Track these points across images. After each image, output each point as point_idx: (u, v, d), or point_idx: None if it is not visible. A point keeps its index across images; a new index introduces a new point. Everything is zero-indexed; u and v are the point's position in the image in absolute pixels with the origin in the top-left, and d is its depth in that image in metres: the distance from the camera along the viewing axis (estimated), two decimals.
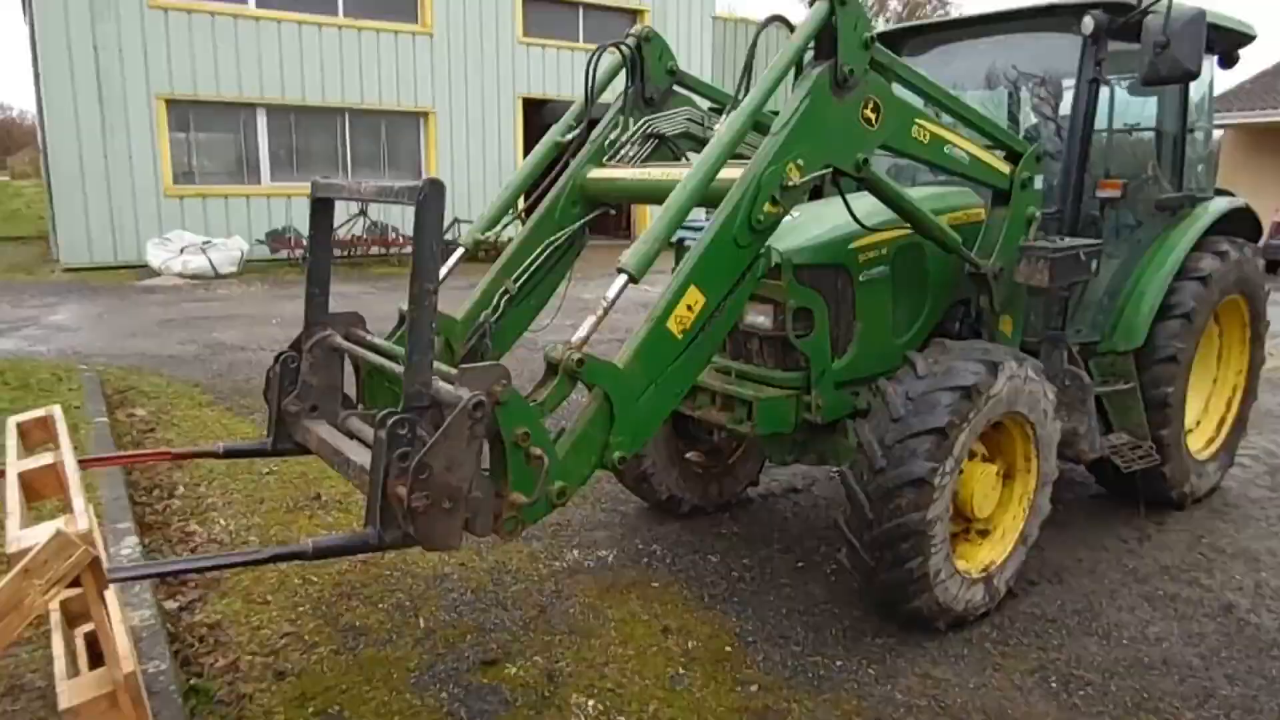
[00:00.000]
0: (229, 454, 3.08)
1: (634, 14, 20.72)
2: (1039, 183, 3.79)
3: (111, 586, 2.05)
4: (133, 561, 3.68)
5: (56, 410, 2.77)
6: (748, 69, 3.11)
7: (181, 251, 14.32)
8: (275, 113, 16.63)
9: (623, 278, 2.61)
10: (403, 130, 18.26)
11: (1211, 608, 3.71)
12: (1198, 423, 5.03)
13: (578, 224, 3.56)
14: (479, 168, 18.97)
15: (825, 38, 2.91)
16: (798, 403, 3.57)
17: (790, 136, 2.84)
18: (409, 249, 15.83)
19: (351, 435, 2.75)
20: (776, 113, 3.01)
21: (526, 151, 21.09)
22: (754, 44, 3.06)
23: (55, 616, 2.45)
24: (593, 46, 3.82)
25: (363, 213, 16.60)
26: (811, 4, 2.92)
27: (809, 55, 3.01)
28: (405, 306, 2.51)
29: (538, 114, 21.24)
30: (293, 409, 2.87)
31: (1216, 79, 4.91)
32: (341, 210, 16.93)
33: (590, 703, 2.95)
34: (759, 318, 3.59)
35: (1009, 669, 3.21)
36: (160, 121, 15.34)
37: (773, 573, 3.95)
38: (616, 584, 3.80)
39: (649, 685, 3.06)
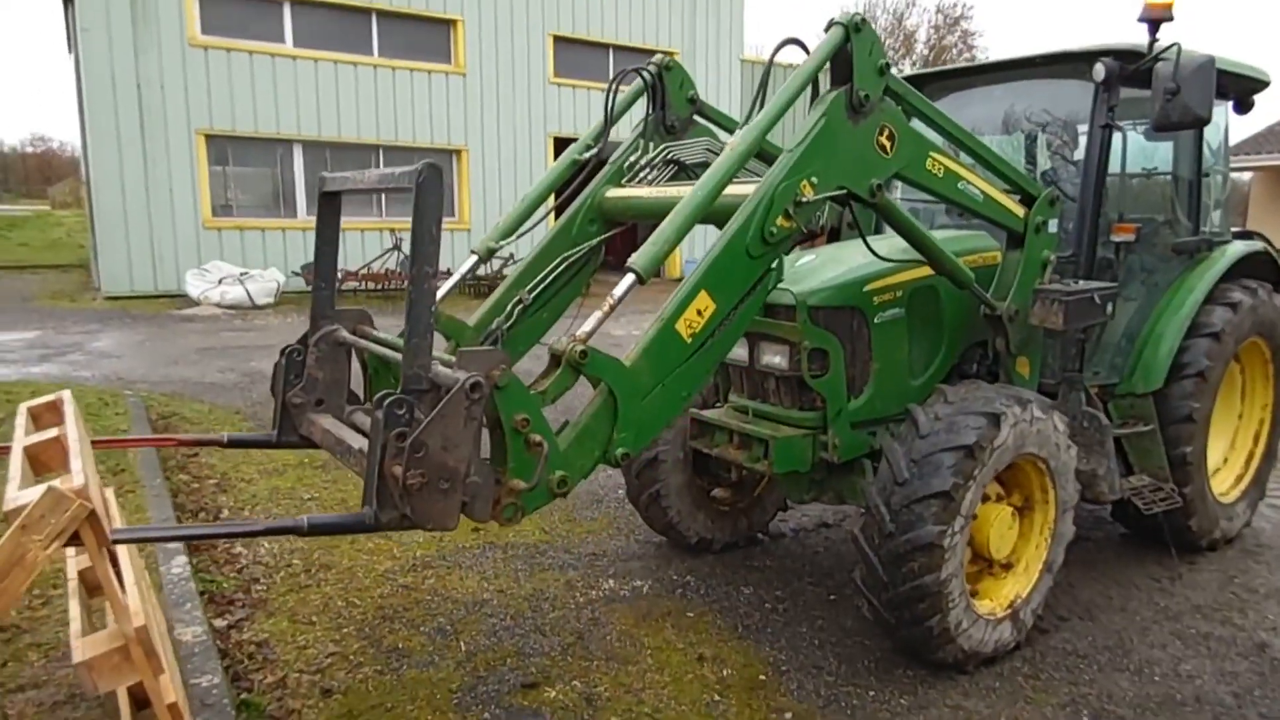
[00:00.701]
0: (233, 443, 3.07)
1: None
2: (1053, 226, 3.82)
3: (155, 592, 2.06)
4: (182, 580, 3.83)
5: (66, 394, 2.81)
6: (763, 87, 3.16)
7: (219, 282, 14.69)
8: (311, 148, 17.11)
9: (630, 277, 2.62)
10: None
11: (1244, 646, 3.72)
12: (1225, 460, 5.02)
13: (594, 241, 3.60)
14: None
15: (841, 63, 2.98)
16: (814, 442, 3.60)
17: (805, 154, 2.89)
18: (440, 284, 16.02)
19: (355, 428, 2.74)
20: (780, 150, 3.02)
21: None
22: (769, 65, 3.15)
23: (73, 585, 2.51)
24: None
25: (396, 247, 16.94)
26: (827, 30, 2.99)
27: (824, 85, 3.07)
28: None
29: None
30: (297, 401, 2.86)
31: (1240, 122, 5.00)
32: (374, 244, 17.34)
33: None
34: (775, 358, 3.63)
35: (1040, 702, 3.25)
36: (200, 155, 15.84)
37: (805, 604, 4.01)
38: (652, 613, 3.87)
39: (685, 711, 3.12)
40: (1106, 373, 4.38)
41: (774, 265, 2.94)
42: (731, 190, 2.85)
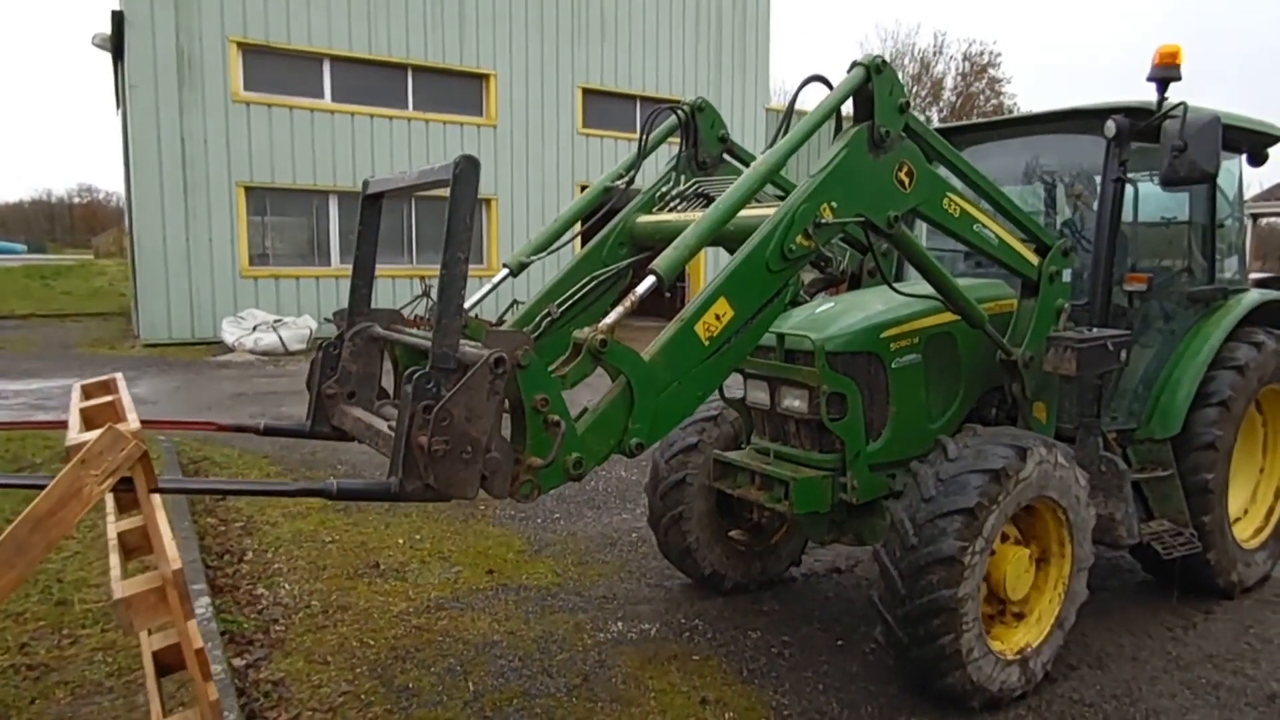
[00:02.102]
0: (269, 431, 3.16)
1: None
2: (1067, 275, 3.94)
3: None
4: (205, 620, 3.96)
5: (119, 376, 2.95)
6: (786, 118, 3.35)
7: (254, 329, 15.11)
8: (346, 199, 17.66)
9: (651, 279, 2.73)
10: None
11: (1255, 697, 3.68)
12: (1245, 511, 4.99)
13: (623, 263, 3.75)
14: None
15: (862, 101, 3.17)
16: (833, 484, 3.71)
17: (826, 180, 3.06)
18: (469, 328, 16.36)
19: (386, 420, 2.84)
20: (793, 185, 3.20)
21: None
22: (793, 100, 3.36)
23: (113, 542, 2.53)
24: None
25: (425, 294, 17.32)
26: (850, 70, 3.18)
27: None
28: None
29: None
30: (331, 392, 2.98)
31: (1257, 174, 5.13)
32: (404, 291, 17.75)
33: None
34: (795, 402, 3.76)
35: None
36: (239, 206, 16.41)
37: (812, 650, 4.04)
38: (658, 656, 3.93)
39: None
40: (1124, 418, 4.46)
41: (790, 283, 3.06)
42: (747, 212, 3.05)
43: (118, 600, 2.00)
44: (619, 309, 2.74)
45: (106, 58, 18.52)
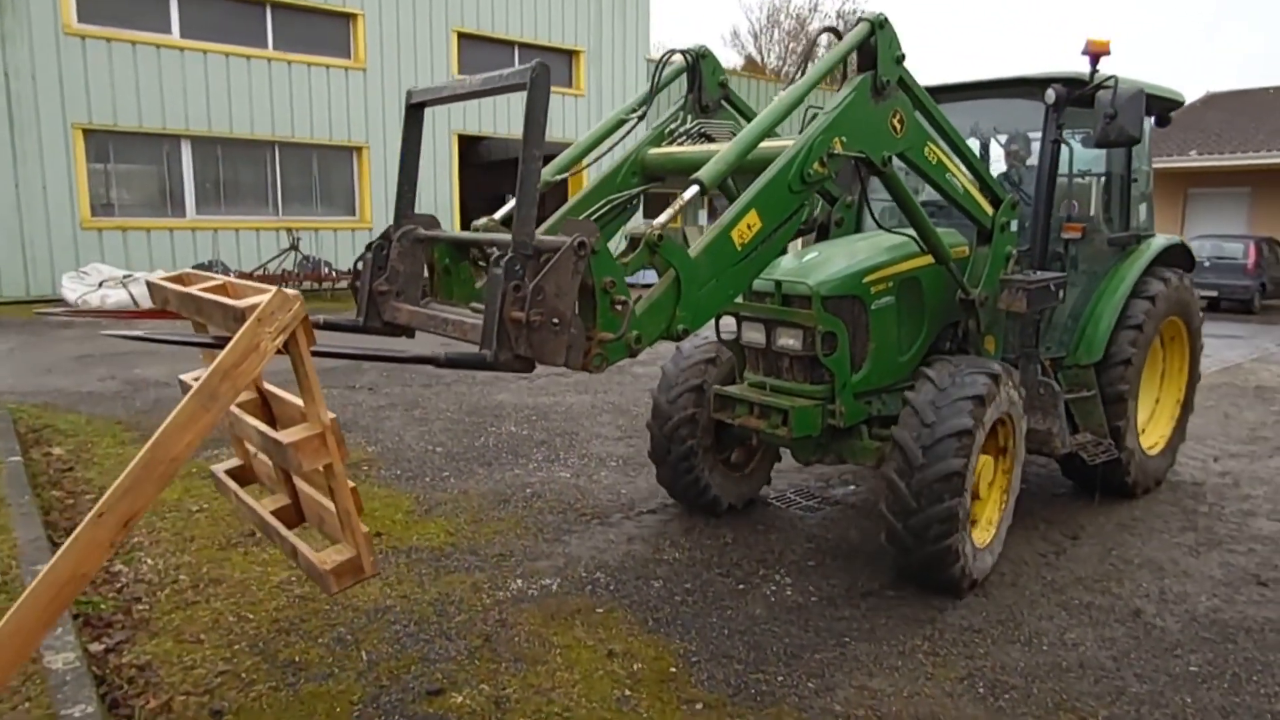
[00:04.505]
0: (328, 326, 3.09)
1: (570, 54, 21.08)
2: (1014, 225, 4.52)
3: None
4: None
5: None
6: (804, 59, 3.85)
7: (100, 285, 13.83)
8: (201, 144, 16.31)
9: (695, 187, 3.13)
10: (335, 164, 18.09)
11: (1121, 613, 3.94)
12: (1144, 428, 5.71)
13: (634, 190, 4.12)
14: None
15: (865, 54, 3.63)
16: (823, 410, 4.22)
17: (838, 118, 3.50)
18: (343, 284, 15.67)
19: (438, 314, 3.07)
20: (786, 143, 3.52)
21: (463, 187, 21.27)
22: (810, 45, 4.16)
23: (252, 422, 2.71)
24: None
25: (294, 247, 16.33)
26: (855, 25, 3.65)
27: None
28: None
29: (473, 150, 21.31)
30: (382, 290, 3.21)
31: (1155, 135, 5.97)
32: (270, 243, 16.68)
33: None
34: (791, 340, 4.26)
35: (940, 678, 3.35)
36: (77, 151, 14.88)
37: (715, 596, 4.03)
38: (561, 611, 3.82)
39: (596, 708, 3.09)
40: (1056, 348, 5.15)
41: (805, 203, 3.48)
42: (766, 144, 3.43)
43: (286, 445, 2.30)
44: (668, 211, 3.09)
45: None
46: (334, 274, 16.34)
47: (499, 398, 8.13)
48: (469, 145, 20.14)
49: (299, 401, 2.49)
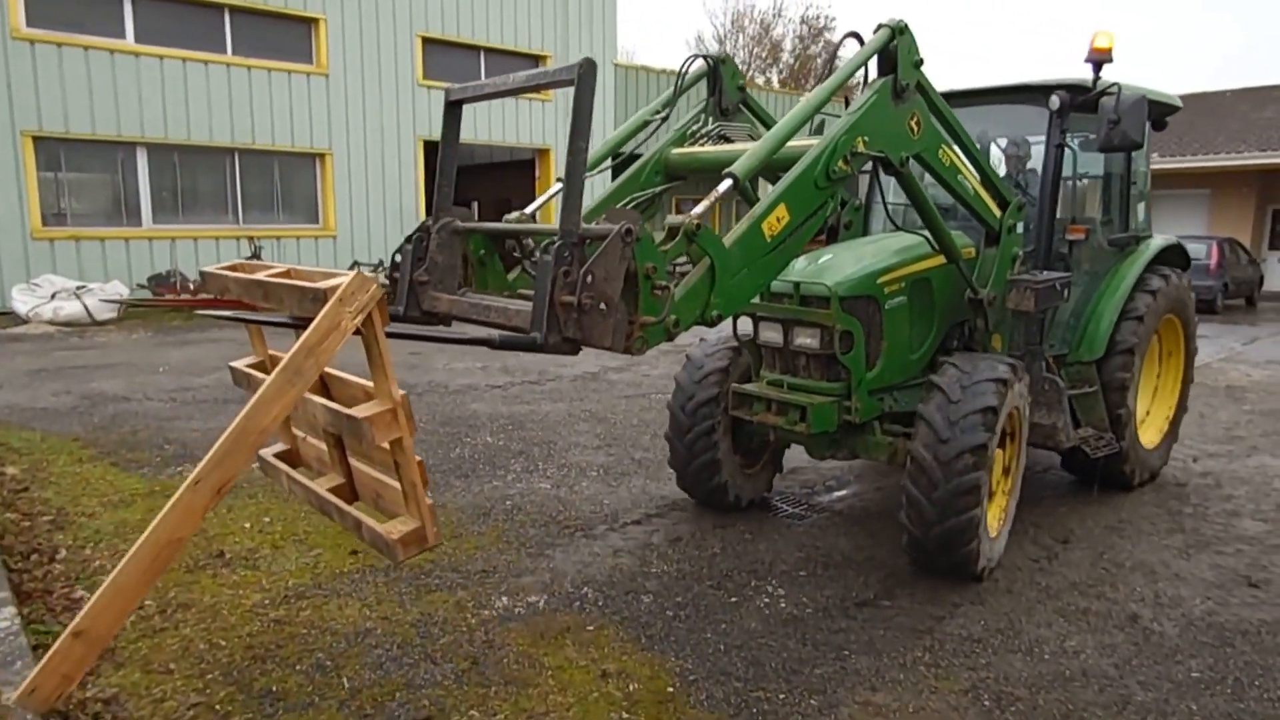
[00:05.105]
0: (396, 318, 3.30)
1: (537, 59, 20.92)
2: (1020, 228, 4.66)
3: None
4: (10, 635, 3.33)
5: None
6: (829, 63, 4.08)
7: (53, 297, 13.36)
8: (157, 152, 15.86)
9: (728, 181, 3.24)
10: (298, 171, 17.72)
11: (1119, 619, 3.90)
12: (1142, 422, 5.84)
13: (658, 188, 4.30)
14: (379, 210, 18.57)
15: (886, 59, 3.76)
16: (839, 407, 4.35)
17: (861, 118, 3.62)
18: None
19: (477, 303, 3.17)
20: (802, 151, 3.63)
21: (428, 194, 20.96)
22: (835, 50, 4.13)
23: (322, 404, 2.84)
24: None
25: (255, 256, 15.96)
26: (876, 31, 3.79)
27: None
28: None
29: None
30: (423, 280, 3.29)
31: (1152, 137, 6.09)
32: (231, 252, 16.28)
33: None
34: (808, 339, 4.38)
35: (944, 690, 3.27)
36: (27, 159, 14.38)
37: (707, 610, 3.91)
38: (550, 630, 3.68)
39: None
40: (1059, 345, 5.30)
41: (829, 199, 3.58)
42: (792, 143, 3.54)
43: (361, 419, 2.45)
44: (704, 203, 3.20)
45: None
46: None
47: (473, 407, 7.95)
48: (434, 151, 19.88)
49: (361, 382, 2.69)
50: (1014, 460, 4.51)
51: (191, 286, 14.98)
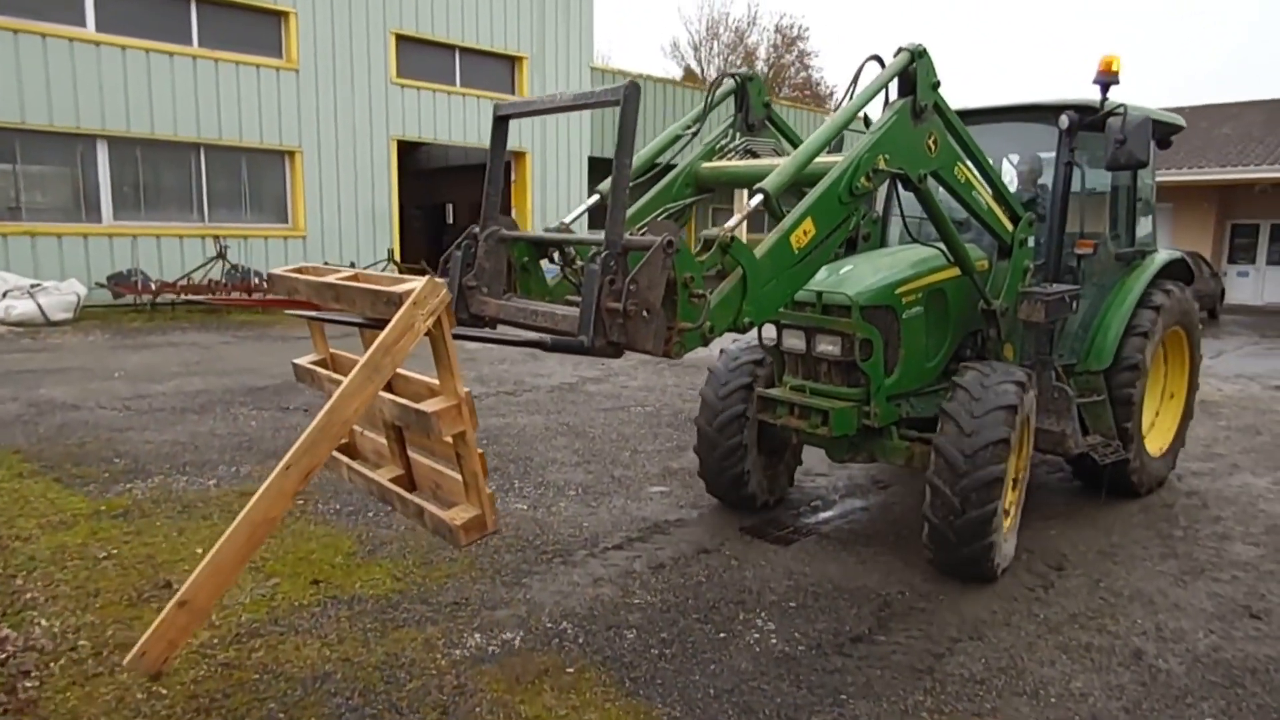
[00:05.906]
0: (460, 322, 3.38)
1: (512, 60, 20.60)
2: (1031, 241, 4.83)
3: None
4: None
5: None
6: (852, 85, 4.11)
7: (4, 295, 12.82)
8: (119, 145, 15.33)
9: (760, 195, 3.45)
10: (266, 169, 17.24)
11: (1123, 655, 3.72)
12: (1147, 432, 5.95)
13: (688, 200, 4.47)
14: (350, 210, 18.14)
15: (905, 80, 3.91)
16: (859, 411, 4.51)
17: (882, 137, 3.78)
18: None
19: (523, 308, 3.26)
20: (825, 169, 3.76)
21: (400, 195, 20.58)
22: (858, 72, 4.08)
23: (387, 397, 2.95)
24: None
25: (221, 255, 15.47)
26: (896, 54, 3.93)
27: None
28: None
29: (412, 157, 20.63)
30: (471, 284, 3.37)
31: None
32: (196, 251, 15.80)
33: None
34: (830, 347, 4.52)
35: None
36: None
37: (695, 647, 3.67)
38: (526, 672, 3.41)
39: None
40: (1068, 355, 5.46)
41: (852, 214, 3.70)
42: (819, 160, 3.71)
43: (430, 414, 2.62)
44: (737, 217, 3.40)
45: None
46: (264, 284, 15.50)
47: None
48: (408, 151, 19.48)
49: (422, 379, 2.91)
50: (1020, 473, 4.61)
51: (153, 287, 14.47)
